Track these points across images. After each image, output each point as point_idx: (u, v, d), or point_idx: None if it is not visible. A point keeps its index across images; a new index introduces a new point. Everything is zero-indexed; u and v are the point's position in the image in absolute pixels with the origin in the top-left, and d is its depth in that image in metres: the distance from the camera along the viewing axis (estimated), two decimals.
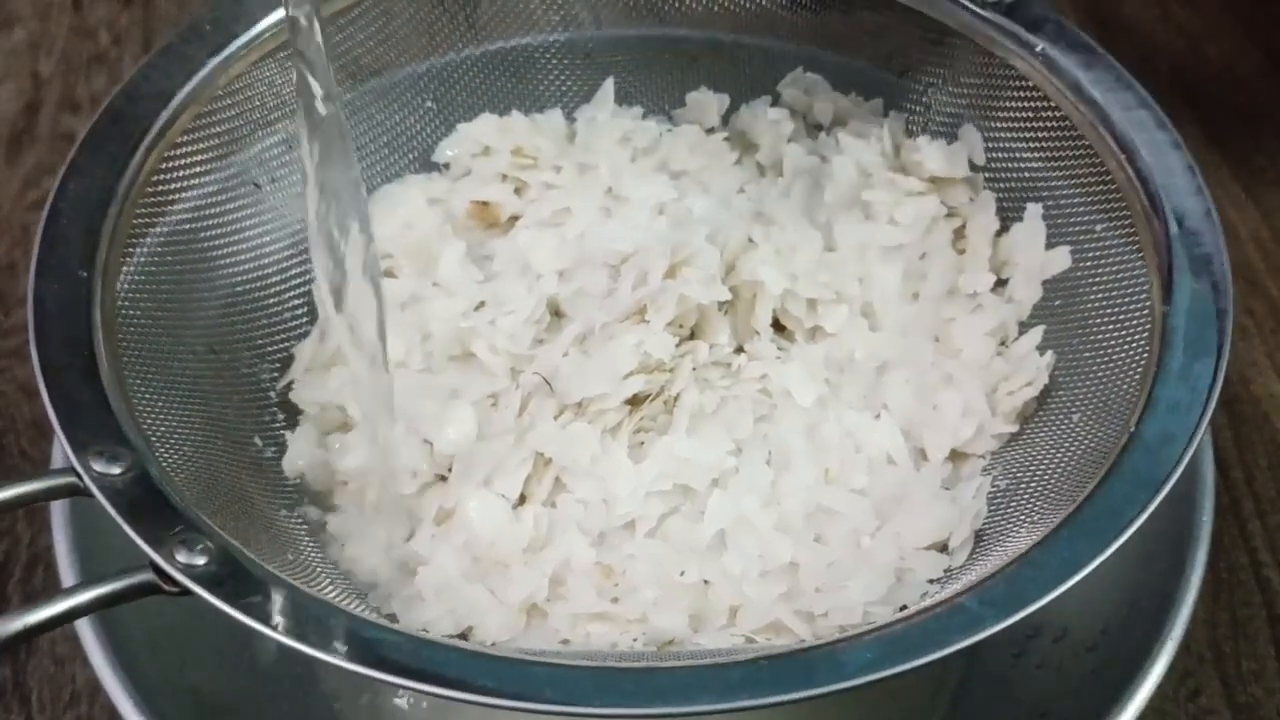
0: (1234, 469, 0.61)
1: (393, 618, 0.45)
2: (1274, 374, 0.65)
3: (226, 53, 0.53)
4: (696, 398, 0.50)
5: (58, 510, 0.47)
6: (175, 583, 0.37)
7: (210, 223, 0.53)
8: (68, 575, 0.46)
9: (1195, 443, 0.40)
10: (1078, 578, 0.37)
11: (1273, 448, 0.62)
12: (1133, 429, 0.41)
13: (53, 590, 0.54)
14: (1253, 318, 0.68)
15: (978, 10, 0.54)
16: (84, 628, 0.44)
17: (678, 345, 0.50)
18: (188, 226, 0.52)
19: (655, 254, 0.51)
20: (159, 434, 0.43)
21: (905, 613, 0.38)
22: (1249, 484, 0.61)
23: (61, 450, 0.49)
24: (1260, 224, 0.72)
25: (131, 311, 0.47)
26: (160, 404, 0.45)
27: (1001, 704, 0.50)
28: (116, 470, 0.39)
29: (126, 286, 0.47)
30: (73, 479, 0.39)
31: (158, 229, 0.50)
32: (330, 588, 0.45)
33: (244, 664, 0.50)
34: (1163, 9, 0.83)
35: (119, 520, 0.37)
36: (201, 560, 0.37)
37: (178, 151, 0.51)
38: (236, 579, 0.37)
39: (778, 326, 0.54)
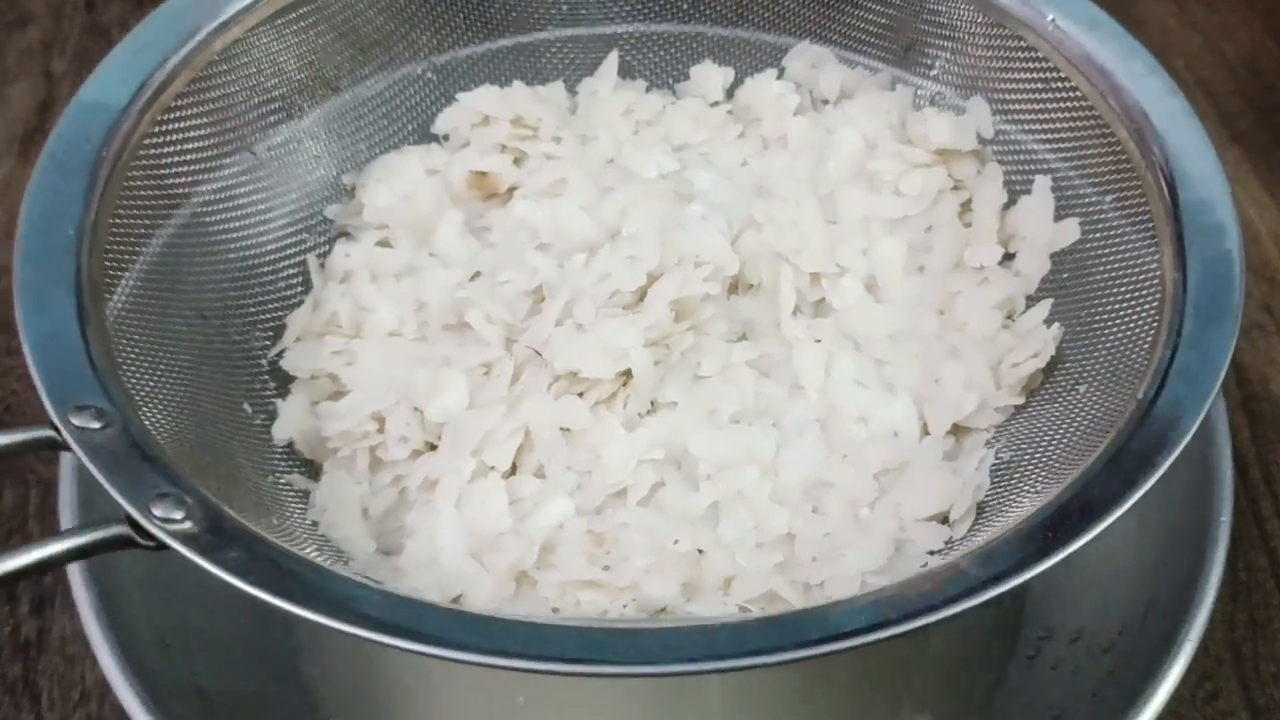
0: (1253, 468, 0.60)
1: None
2: None
3: (223, 17, 0.52)
4: (693, 369, 0.49)
5: (66, 463, 0.47)
6: (151, 537, 0.36)
7: (205, 190, 0.52)
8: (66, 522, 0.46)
9: (1206, 406, 0.39)
10: (1079, 543, 0.35)
11: None
12: (1140, 396, 0.40)
13: None
14: (1271, 316, 0.66)
15: None
16: (91, 626, 0.44)
17: (676, 320, 0.49)
18: (182, 192, 0.51)
19: (657, 240, 0.50)
20: (144, 394, 0.43)
21: (901, 580, 0.37)
22: (1268, 484, 0.60)
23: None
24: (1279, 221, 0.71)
25: (120, 273, 0.46)
26: (147, 365, 0.45)
27: (1016, 706, 0.49)
28: (96, 425, 0.38)
29: (116, 247, 0.46)
30: (50, 433, 0.38)
31: (150, 193, 0.49)
32: (316, 554, 0.44)
33: (253, 663, 0.50)
34: (1178, 5, 0.82)
35: (95, 472, 0.36)
36: (179, 515, 0.36)
37: (172, 116, 0.50)
38: (214, 536, 0.36)
39: None
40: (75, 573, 0.46)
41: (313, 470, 0.50)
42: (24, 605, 0.56)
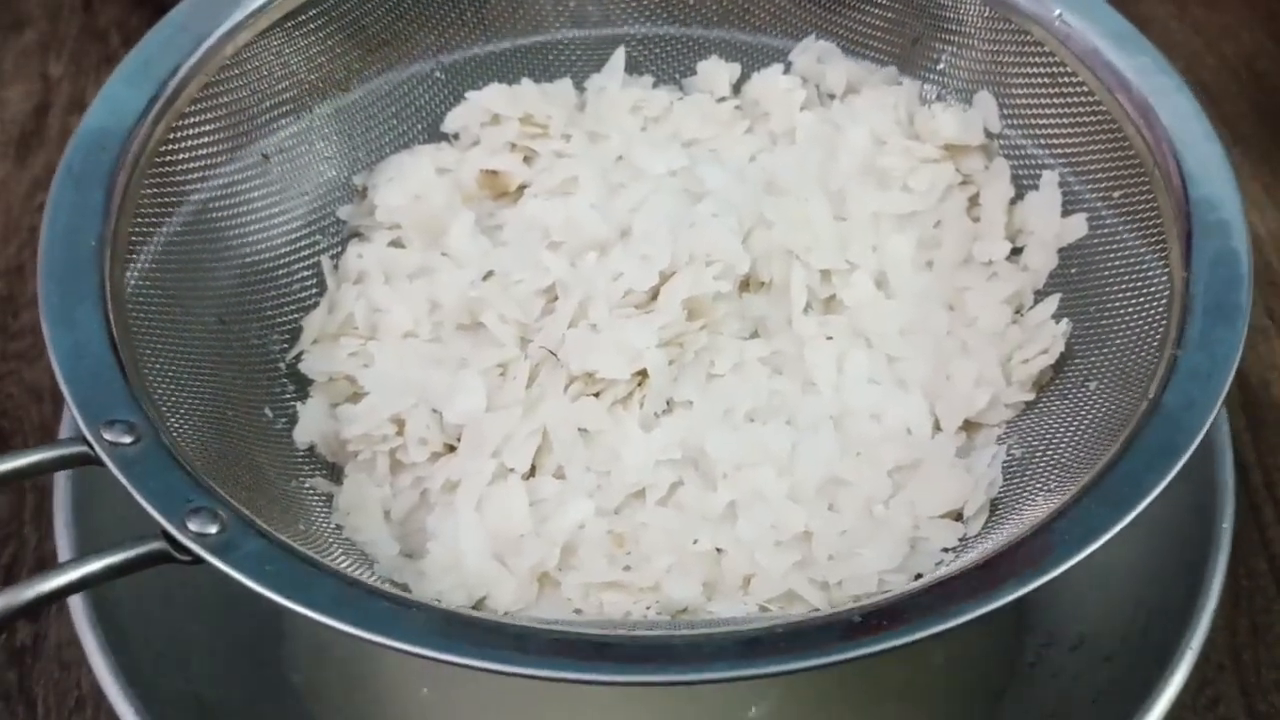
0: (1254, 473, 0.60)
1: (405, 588, 0.45)
2: None
3: (233, 21, 0.52)
4: (708, 368, 0.50)
5: (60, 486, 0.47)
6: (188, 551, 0.36)
7: (219, 194, 0.53)
8: (64, 547, 0.46)
9: (1216, 409, 0.39)
10: (1097, 544, 0.36)
11: None
12: (1151, 396, 0.40)
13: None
14: (1273, 320, 0.66)
15: None
16: (86, 634, 0.44)
17: (689, 319, 0.50)
18: (196, 198, 0.51)
19: (669, 239, 0.50)
20: (170, 404, 0.43)
21: (922, 581, 0.37)
22: (1269, 489, 0.60)
23: (69, 428, 0.50)
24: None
25: (141, 282, 0.47)
26: (171, 374, 0.45)
27: (1017, 714, 0.50)
28: (128, 440, 0.39)
29: (136, 257, 0.47)
30: (83, 448, 0.39)
31: (167, 200, 0.50)
32: (343, 558, 0.44)
33: (247, 672, 0.50)
34: (1179, 6, 0.82)
35: (131, 489, 0.37)
36: (214, 529, 0.37)
37: (186, 122, 0.51)
38: (249, 548, 0.37)
39: None
40: (61, 543, 0.46)
41: (334, 473, 0.50)
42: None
